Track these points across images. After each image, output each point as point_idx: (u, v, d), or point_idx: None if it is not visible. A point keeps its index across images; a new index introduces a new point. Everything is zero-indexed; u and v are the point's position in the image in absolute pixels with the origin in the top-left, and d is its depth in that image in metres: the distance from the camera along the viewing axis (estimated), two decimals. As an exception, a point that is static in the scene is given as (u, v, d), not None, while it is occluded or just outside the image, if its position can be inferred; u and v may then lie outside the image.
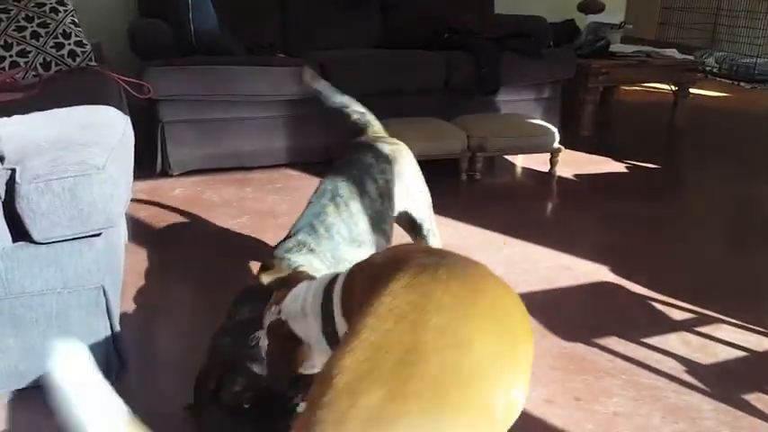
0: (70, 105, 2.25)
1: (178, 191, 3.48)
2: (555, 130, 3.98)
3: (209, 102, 3.62)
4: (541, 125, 4.01)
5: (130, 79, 2.95)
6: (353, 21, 4.58)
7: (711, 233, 3.22)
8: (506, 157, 4.27)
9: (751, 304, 2.47)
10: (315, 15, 4.48)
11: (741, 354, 1.76)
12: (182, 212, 3.20)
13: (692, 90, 5.54)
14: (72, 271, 1.74)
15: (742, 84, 7.44)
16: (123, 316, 2.01)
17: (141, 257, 2.68)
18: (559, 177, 3.97)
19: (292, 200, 3.40)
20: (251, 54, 3.98)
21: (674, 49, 5.39)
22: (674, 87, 5.38)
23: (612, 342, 2.18)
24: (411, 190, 2.10)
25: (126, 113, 2.39)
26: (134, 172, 2.29)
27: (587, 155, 4.43)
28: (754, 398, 1.95)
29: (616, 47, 5.13)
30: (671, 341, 2.17)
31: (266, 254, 2.60)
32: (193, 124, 3.64)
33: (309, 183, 3.62)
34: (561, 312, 2.37)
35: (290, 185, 3.63)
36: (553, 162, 4.01)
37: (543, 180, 3.94)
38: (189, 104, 3.58)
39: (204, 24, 3.73)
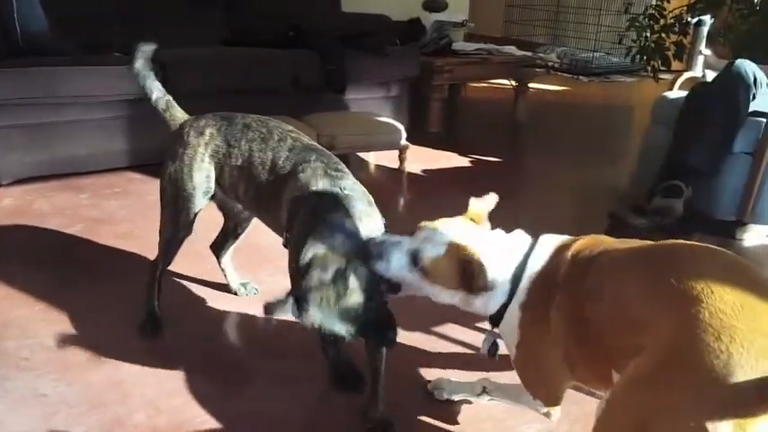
0: None
1: (6, 201, 3.26)
2: (401, 127, 4.06)
3: (38, 105, 3.42)
4: (388, 123, 4.09)
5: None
6: (197, 19, 4.47)
7: (553, 220, 3.40)
8: (360, 154, 4.31)
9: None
10: (156, 14, 4.32)
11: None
12: (9, 225, 3.00)
13: (534, 84, 5.84)
14: None
15: (581, 77, 7.92)
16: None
17: (-40, 275, 2.49)
18: (409, 173, 4.07)
19: (132, 205, 3.28)
20: (86, 54, 3.78)
21: (513, 47, 5.64)
22: (514, 83, 5.63)
23: (452, 330, 2.27)
24: None
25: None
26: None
27: (435, 150, 4.57)
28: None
29: (458, 45, 5.30)
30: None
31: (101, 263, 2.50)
32: (22, 129, 3.43)
33: (151, 186, 3.48)
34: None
35: (130, 190, 3.50)
36: (401, 159, 4.09)
37: (393, 176, 4.03)
38: (15, 109, 3.36)
39: (31, 25, 3.56)
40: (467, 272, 1.55)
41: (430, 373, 2.05)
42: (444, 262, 1.56)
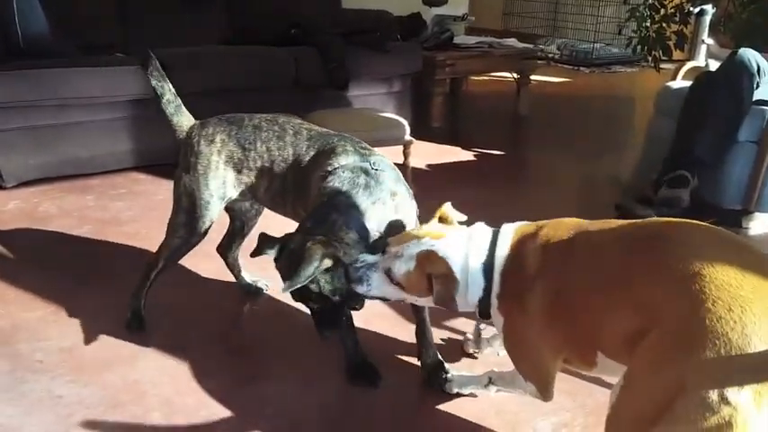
0: None
1: (12, 204, 3.26)
2: (405, 122, 4.05)
3: (42, 107, 3.41)
4: (391, 118, 4.08)
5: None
6: (197, 19, 4.46)
7: (558, 213, 3.41)
8: (362, 150, 4.31)
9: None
10: (156, 14, 4.31)
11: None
12: (16, 227, 3.01)
13: (535, 77, 5.82)
14: None
15: (581, 68, 7.91)
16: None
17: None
18: (413, 168, 4.06)
19: (138, 205, 3.29)
20: (87, 55, 3.78)
21: (514, 39, 5.63)
22: (516, 75, 5.62)
23: (461, 324, 2.27)
24: None
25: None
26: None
27: (439, 145, 4.57)
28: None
29: (459, 39, 5.28)
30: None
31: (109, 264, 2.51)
32: (26, 132, 3.43)
33: (157, 186, 3.50)
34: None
35: (136, 190, 3.50)
36: (406, 154, 4.07)
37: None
38: (19, 111, 3.36)
39: (32, 27, 3.55)
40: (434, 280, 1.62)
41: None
42: (415, 274, 1.63)
